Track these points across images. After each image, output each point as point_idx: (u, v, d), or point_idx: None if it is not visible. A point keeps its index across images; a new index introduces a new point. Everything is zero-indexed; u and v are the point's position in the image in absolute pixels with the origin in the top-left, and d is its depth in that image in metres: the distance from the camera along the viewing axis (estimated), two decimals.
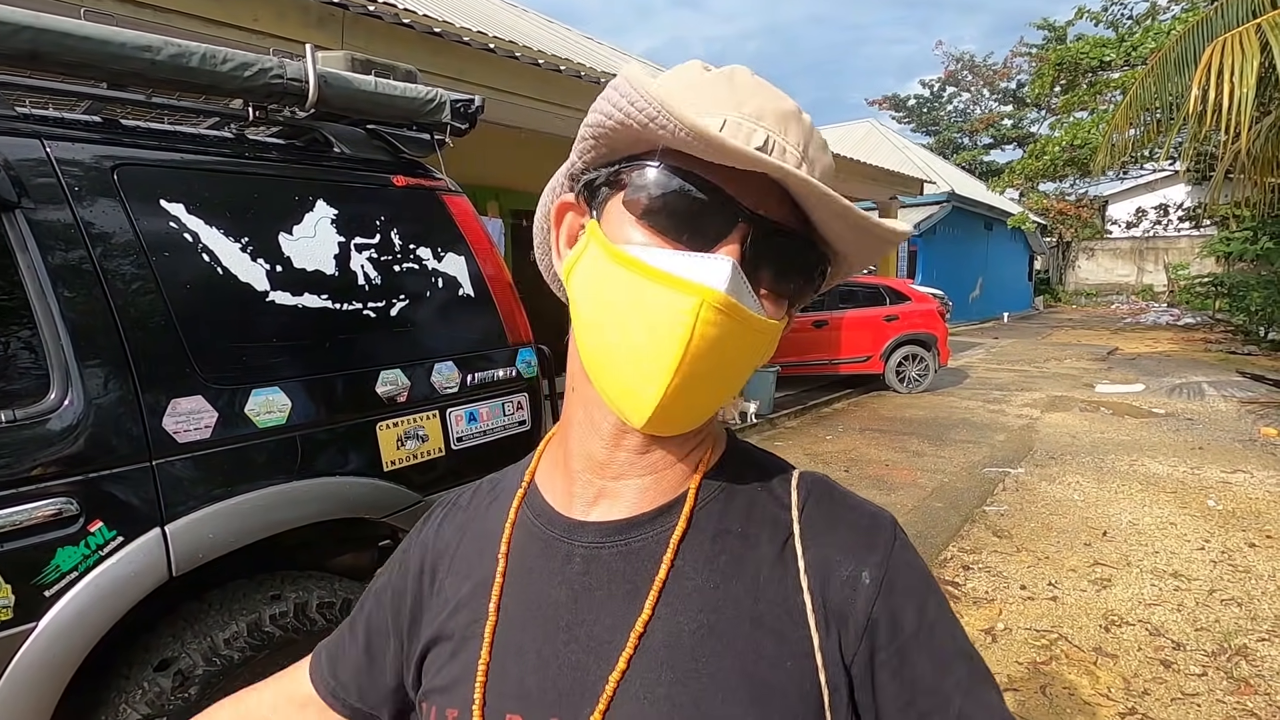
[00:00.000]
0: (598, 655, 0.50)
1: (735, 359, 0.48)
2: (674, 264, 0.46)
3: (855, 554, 0.51)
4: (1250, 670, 2.77)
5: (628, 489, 0.53)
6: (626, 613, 0.50)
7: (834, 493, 0.56)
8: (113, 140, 1.53)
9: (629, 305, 0.46)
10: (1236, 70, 4.93)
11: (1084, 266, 29.64)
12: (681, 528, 0.52)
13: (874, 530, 0.53)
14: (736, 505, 0.54)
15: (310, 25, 3.65)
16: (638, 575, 0.51)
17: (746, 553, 0.52)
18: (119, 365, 1.41)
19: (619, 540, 0.52)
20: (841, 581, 0.50)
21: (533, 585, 0.54)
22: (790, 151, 0.47)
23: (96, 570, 1.34)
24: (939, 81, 34.44)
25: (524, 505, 0.58)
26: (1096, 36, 14.97)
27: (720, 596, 0.50)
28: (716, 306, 0.44)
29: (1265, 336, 13.64)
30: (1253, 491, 4.93)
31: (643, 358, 0.46)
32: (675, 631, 0.49)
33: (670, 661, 0.49)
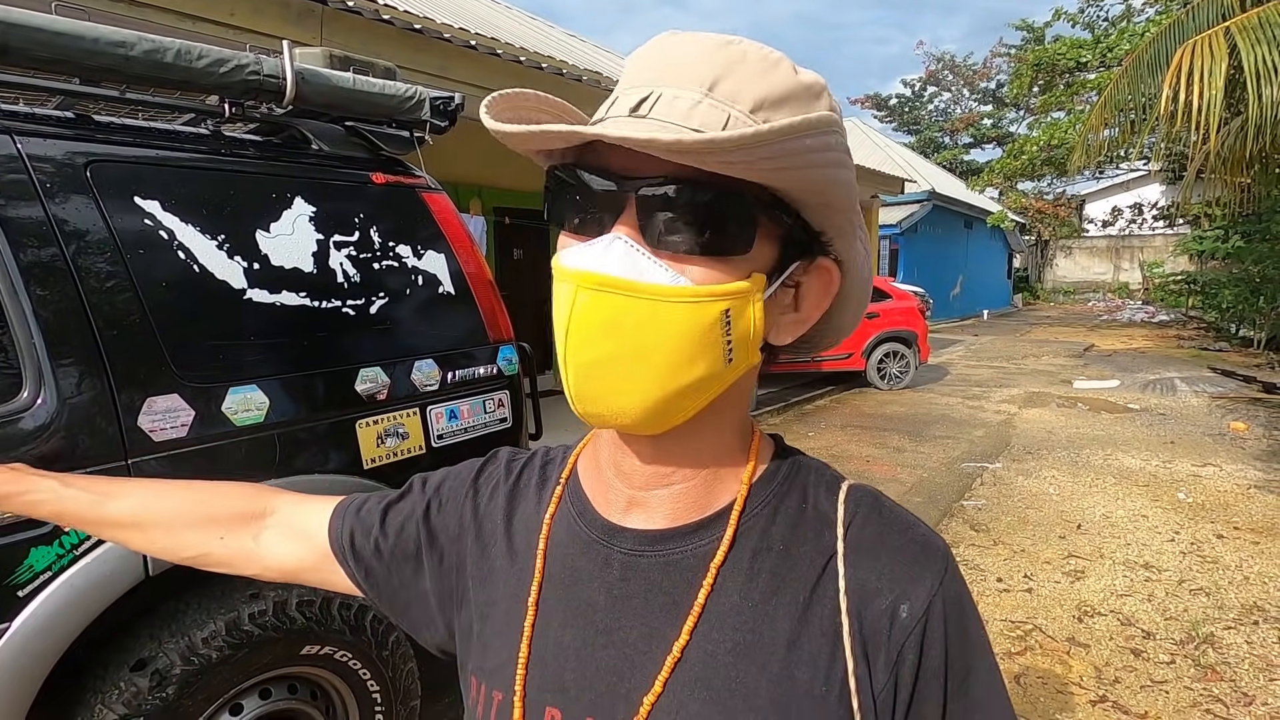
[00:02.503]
0: (632, 664, 0.50)
1: (659, 335, 0.44)
2: (569, 258, 0.46)
3: (898, 583, 0.48)
4: (1217, 657, 2.84)
5: (657, 499, 0.52)
6: (662, 625, 0.50)
7: (884, 511, 0.52)
8: (86, 136, 1.51)
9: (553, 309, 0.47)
10: (1206, 72, 5.03)
11: (1062, 264, 30.09)
12: (725, 547, 0.50)
13: (922, 560, 0.49)
14: (780, 521, 0.51)
15: (289, 21, 3.62)
16: (675, 589, 0.50)
17: (787, 572, 0.49)
18: (93, 364, 1.40)
19: (658, 550, 0.51)
20: (879, 611, 0.47)
21: (574, 584, 0.54)
22: (684, 96, 0.43)
23: (71, 570, 1.33)
24: (920, 81, 34.77)
25: (565, 498, 0.58)
26: (1073, 38, 15.20)
27: (758, 617, 0.48)
28: (590, 288, 0.43)
29: (1236, 333, 13.95)
30: (1221, 484, 5.05)
31: (559, 355, 0.47)
32: (711, 651, 0.48)
33: (705, 680, 0.48)
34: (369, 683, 1.77)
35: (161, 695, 1.41)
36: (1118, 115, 7.23)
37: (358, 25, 3.90)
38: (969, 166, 29.58)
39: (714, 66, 0.44)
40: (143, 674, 1.41)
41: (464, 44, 4.44)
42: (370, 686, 1.77)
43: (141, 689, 1.40)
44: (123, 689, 1.40)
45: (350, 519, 0.66)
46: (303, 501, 0.71)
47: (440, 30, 4.29)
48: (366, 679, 1.76)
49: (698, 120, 0.43)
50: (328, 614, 1.67)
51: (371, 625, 1.76)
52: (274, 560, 0.68)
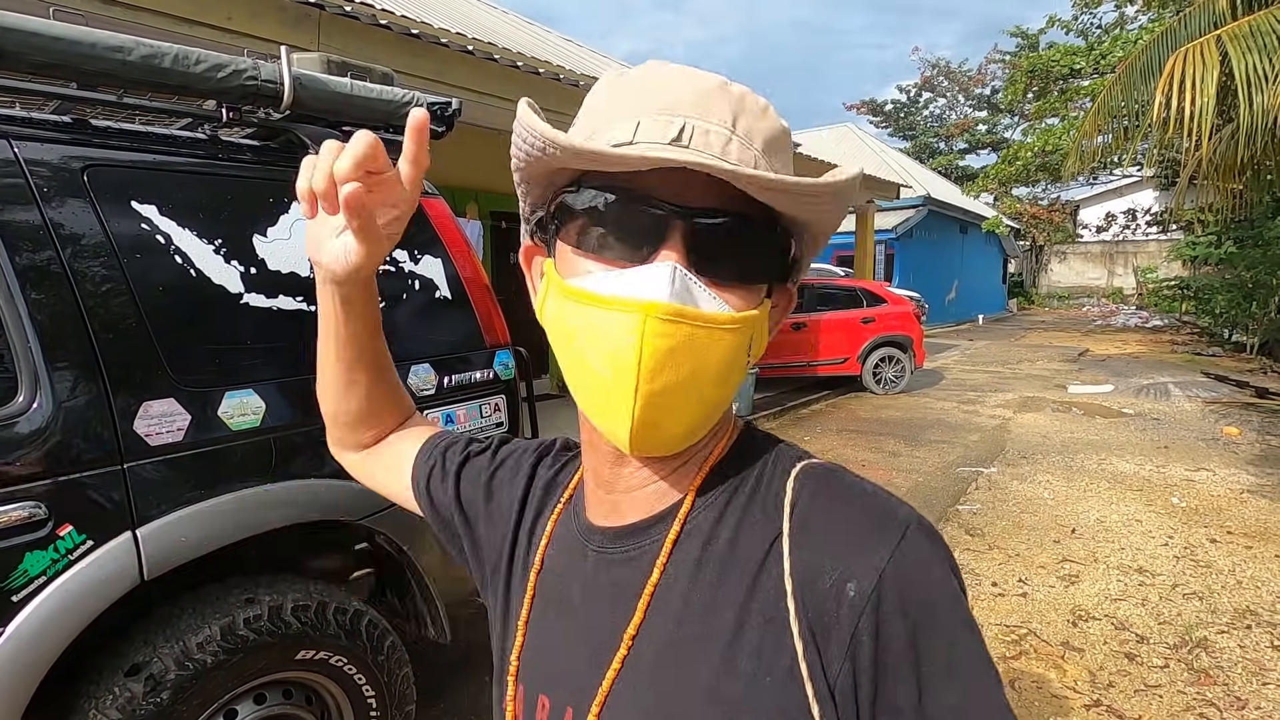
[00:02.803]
0: (598, 656, 0.52)
1: (707, 363, 0.45)
2: (614, 285, 0.44)
3: (843, 559, 0.44)
4: (1210, 662, 2.85)
5: (633, 500, 0.54)
6: (620, 618, 0.51)
7: (837, 486, 0.49)
8: (83, 141, 1.52)
9: (586, 336, 0.46)
10: (1198, 80, 5.08)
11: (1056, 269, 30.23)
12: (674, 535, 0.50)
13: (875, 532, 0.45)
14: (733, 507, 0.50)
15: (286, 25, 3.62)
16: (632, 582, 0.51)
17: (733, 560, 0.48)
18: (89, 368, 1.40)
19: (620, 546, 0.54)
20: (824, 591, 0.44)
21: (561, 580, 0.57)
22: (715, 131, 0.45)
23: (66, 575, 1.33)
24: (915, 87, 34.94)
25: (570, 501, 0.61)
26: (1067, 45, 15.31)
27: (704, 607, 0.48)
28: (660, 317, 0.42)
29: (1229, 338, 14.02)
30: (1214, 489, 5.07)
31: (607, 387, 0.45)
32: (661, 641, 0.49)
33: (651, 670, 0.48)
34: (364, 688, 1.76)
35: (156, 700, 1.41)
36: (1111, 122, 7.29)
37: (355, 30, 3.91)
38: (964, 172, 29.72)
39: (730, 104, 0.46)
40: (137, 679, 1.41)
41: (461, 49, 4.45)
42: (365, 691, 1.77)
43: (136, 694, 1.40)
44: (117, 694, 1.39)
45: (434, 460, 0.71)
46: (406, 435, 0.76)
47: (437, 35, 4.31)
48: (362, 684, 1.76)
49: (735, 156, 0.44)
50: (323, 619, 1.67)
51: (367, 630, 1.76)
52: (380, 485, 0.76)
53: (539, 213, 0.52)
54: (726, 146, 0.44)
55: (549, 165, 0.46)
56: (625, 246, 0.45)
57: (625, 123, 0.46)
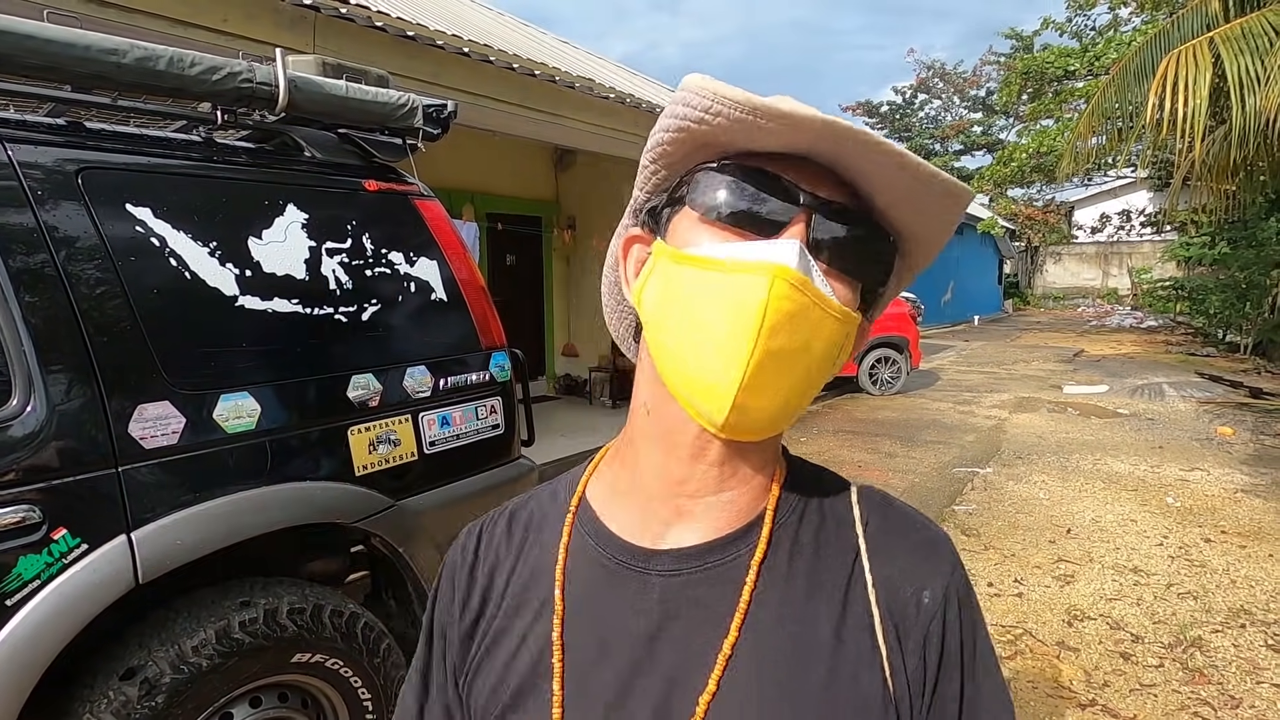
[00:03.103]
0: (681, 684, 0.50)
1: (814, 342, 0.47)
2: (742, 251, 0.46)
3: (918, 574, 0.52)
4: (1204, 661, 2.87)
5: (703, 508, 0.53)
6: (707, 636, 0.50)
7: (892, 508, 0.57)
8: (77, 143, 1.51)
9: (706, 298, 0.46)
10: (1191, 82, 5.11)
11: (1051, 270, 30.33)
12: (762, 550, 0.52)
13: (933, 551, 0.54)
14: (807, 524, 0.54)
15: (281, 27, 3.62)
16: (720, 601, 0.51)
17: (821, 571, 0.52)
18: (83, 371, 1.40)
19: (698, 566, 0.52)
20: (905, 598, 0.51)
21: (605, 617, 0.53)
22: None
23: (60, 579, 1.33)
24: (911, 88, 35.01)
25: (578, 530, 0.57)
26: (1061, 46, 15.37)
27: (800, 616, 0.51)
28: (788, 281, 0.44)
29: (1223, 339, 14.08)
30: (1209, 489, 5.09)
31: (721, 345, 0.45)
32: (760, 653, 0.50)
33: (759, 681, 0.49)
34: (360, 690, 1.76)
35: (151, 704, 1.41)
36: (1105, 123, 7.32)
37: (350, 32, 3.90)
38: (960, 173, 29.81)
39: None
40: (132, 683, 1.41)
41: (456, 51, 4.45)
42: (361, 695, 1.77)
43: (131, 698, 1.39)
44: (111, 698, 1.39)
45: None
46: None
47: (433, 37, 4.31)
48: (358, 687, 1.76)
49: None
50: (319, 622, 1.67)
51: (363, 633, 1.76)
52: None
53: (654, 201, 0.53)
54: None
55: (699, 139, 0.48)
56: (756, 222, 0.47)
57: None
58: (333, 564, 1.99)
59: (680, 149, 0.49)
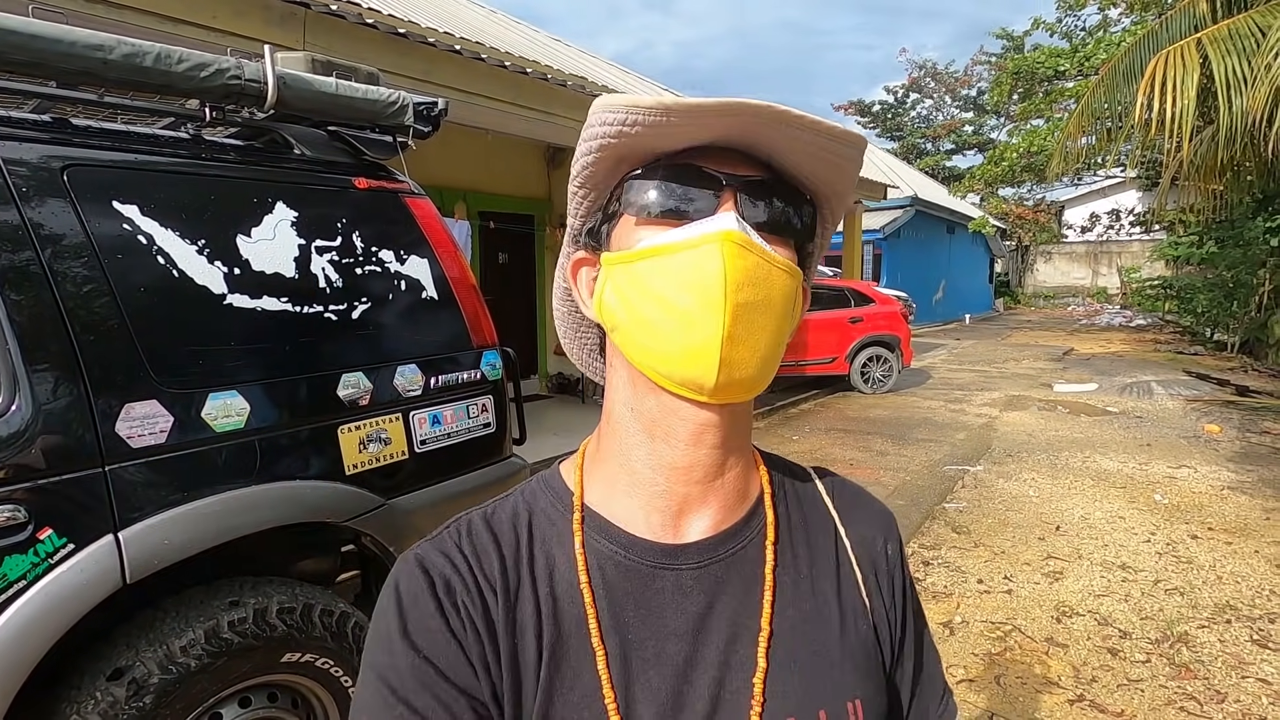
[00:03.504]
0: (729, 667, 0.53)
1: (773, 298, 0.50)
2: (686, 232, 0.50)
3: (879, 530, 0.64)
4: (1191, 656, 2.90)
5: (711, 494, 0.55)
6: (745, 618, 0.54)
7: (844, 482, 0.67)
8: (62, 140, 1.50)
9: (666, 281, 0.49)
10: (1179, 82, 5.15)
11: (1042, 269, 30.51)
12: (773, 531, 0.58)
13: (883, 511, 0.66)
14: (791, 502, 0.62)
15: (271, 24, 3.60)
16: (746, 581, 0.56)
17: (814, 541, 0.60)
18: (69, 369, 1.39)
19: (724, 553, 0.56)
20: (878, 551, 0.62)
21: (643, 619, 0.53)
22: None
23: (46, 579, 1.32)
24: (903, 88, 35.14)
25: (589, 536, 0.55)
26: (1052, 47, 15.46)
27: (810, 584, 0.58)
28: (736, 241, 0.48)
29: (1210, 337, 14.20)
30: (1196, 486, 5.14)
31: (694, 315, 0.48)
32: (790, 623, 0.56)
33: (791, 650, 0.54)
34: (350, 690, 1.76)
35: (138, 705, 1.40)
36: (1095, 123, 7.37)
37: (341, 29, 3.88)
38: (951, 172, 29.93)
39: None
40: (119, 683, 1.40)
41: (448, 48, 4.44)
42: (352, 694, 1.76)
43: (118, 698, 1.38)
44: (99, 699, 1.38)
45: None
46: None
47: (424, 35, 4.29)
48: (348, 686, 1.75)
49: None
50: (309, 621, 1.66)
51: (354, 632, 1.75)
52: None
53: (590, 222, 0.56)
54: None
55: (623, 151, 0.51)
56: (691, 210, 0.51)
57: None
58: (323, 563, 1.98)
59: (603, 166, 0.52)
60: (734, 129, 0.49)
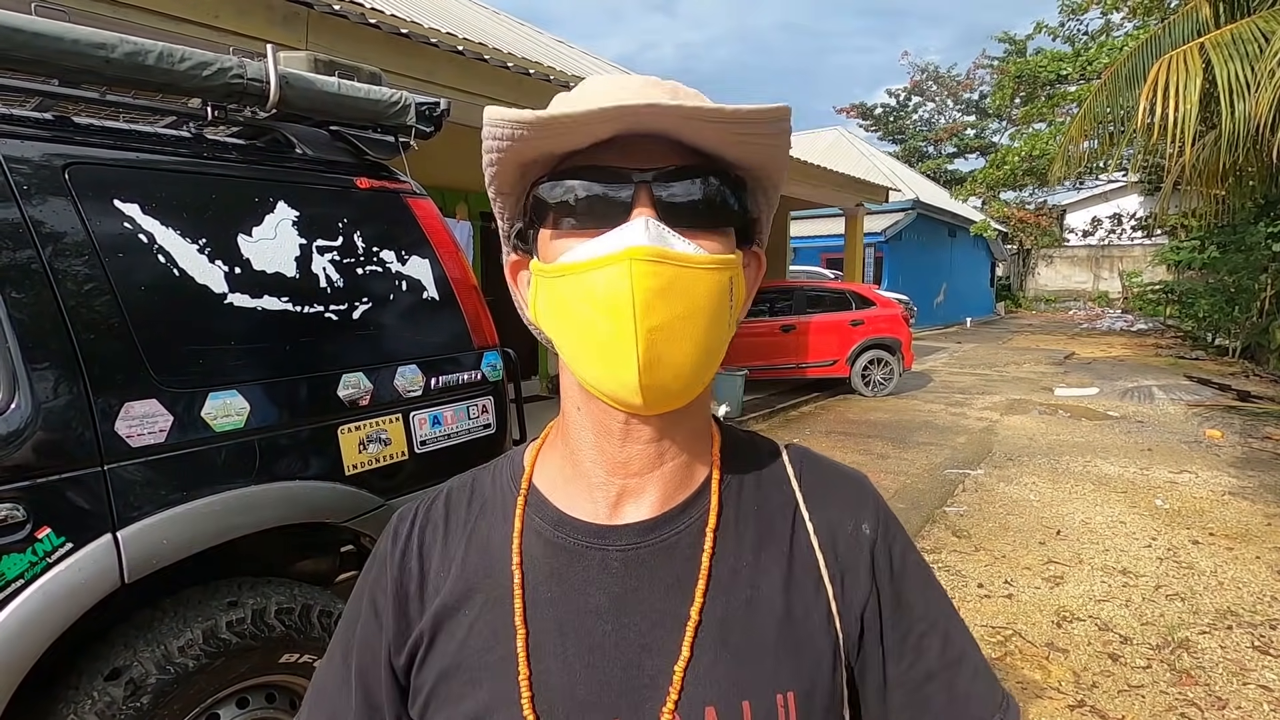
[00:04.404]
0: (650, 650, 0.52)
1: (696, 302, 0.48)
2: (595, 248, 0.48)
3: (853, 511, 0.58)
4: (1191, 662, 2.89)
5: (650, 483, 0.55)
6: (670, 605, 0.53)
7: (818, 459, 0.63)
8: (64, 138, 1.50)
9: (580, 305, 0.49)
10: (1181, 87, 5.14)
11: (1043, 273, 30.50)
12: (714, 518, 0.55)
13: (861, 489, 0.61)
14: (747, 484, 0.58)
15: (274, 24, 3.60)
16: (677, 566, 0.54)
17: (766, 527, 0.57)
18: (69, 368, 1.38)
19: (655, 537, 0.54)
20: (848, 535, 0.57)
21: (565, 595, 0.54)
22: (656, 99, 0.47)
23: (44, 578, 1.31)
24: (905, 91, 35.16)
25: (529, 515, 0.57)
26: (1054, 51, 15.48)
27: (753, 571, 0.55)
28: (642, 259, 0.46)
29: (1212, 342, 14.19)
30: (1197, 491, 5.13)
31: (609, 337, 0.48)
32: (722, 612, 0.53)
33: (722, 639, 0.52)
34: None
35: (136, 705, 1.39)
36: (1097, 127, 7.36)
37: (344, 29, 3.89)
38: (952, 176, 29.93)
39: (664, 89, 0.51)
40: (117, 683, 1.39)
41: (451, 49, 4.44)
42: None
43: (116, 699, 1.38)
44: (96, 699, 1.37)
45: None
46: None
47: (427, 35, 4.29)
48: None
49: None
50: (308, 622, 1.66)
51: None
52: None
53: (517, 224, 0.55)
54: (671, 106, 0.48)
55: (518, 158, 0.49)
56: (601, 216, 0.49)
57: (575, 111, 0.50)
58: (322, 564, 1.98)
59: (506, 174, 0.51)
60: (638, 120, 0.46)
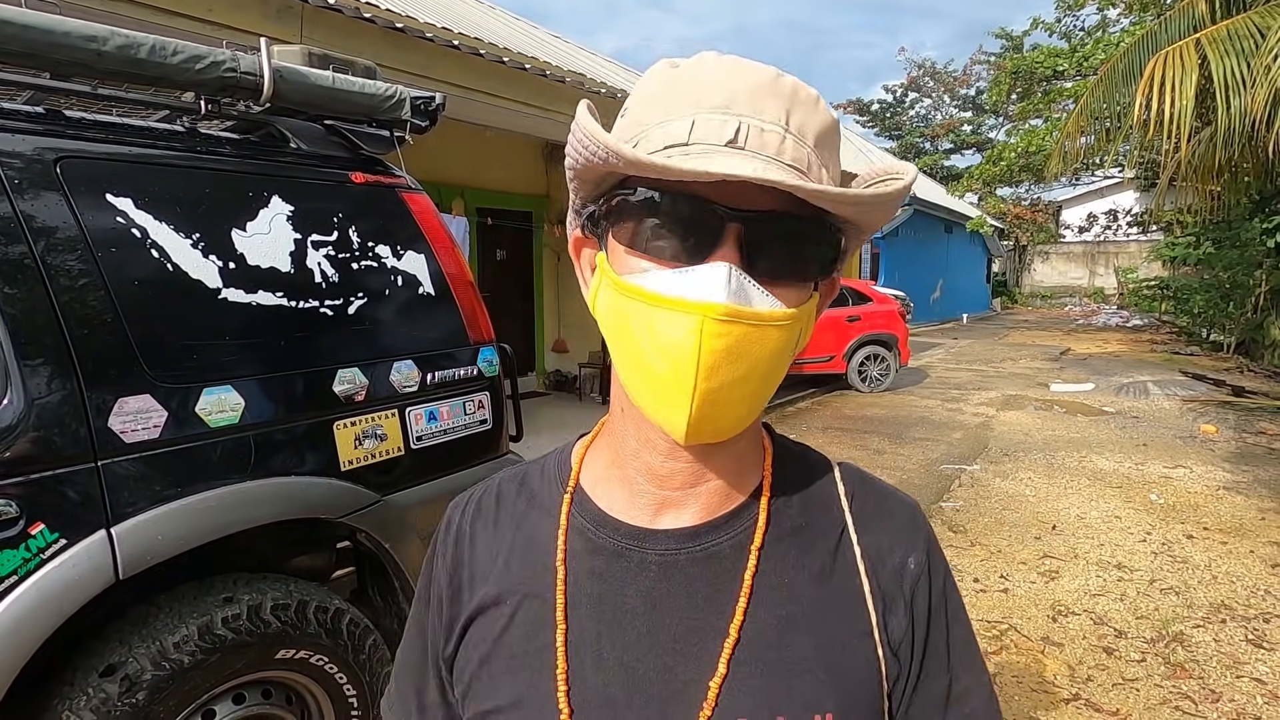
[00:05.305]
0: (684, 657, 0.51)
1: (761, 359, 0.47)
2: (671, 285, 0.45)
3: (902, 541, 0.57)
4: (1186, 655, 2.90)
5: (693, 497, 0.54)
6: (706, 615, 0.52)
7: (871, 482, 0.61)
8: (56, 132, 1.49)
9: (641, 333, 0.47)
10: (1177, 82, 5.15)
11: (1039, 269, 30.55)
12: (761, 535, 0.54)
13: (913, 519, 0.59)
14: (795, 501, 0.57)
15: (268, 17, 3.58)
16: (716, 578, 0.53)
17: (811, 545, 0.55)
18: (62, 363, 1.37)
19: (696, 546, 0.54)
20: (894, 567, 0.55)
21: (605, 594, 0.54)
22: (769, 130, 0.45)
23: (38, 574, 1.31)
24: (901, 87, 35.12)
25: (574, 513, 0.58)
26: (1050, 46, 15.47)
27: (794, 588, 0.53)
28: (718, 318, 0.44)
29: (1206, 338, 14.24)
30: (1191, 486, 5.15)
31: (665, 382, 0.46)
32: (760, 628, 0.52)
33: (759, 655, 0.51)
34: (345, 687, 1.75)
35: (131, 701, 1.39)
36: (1093, 123, 7.37)
37: (339, 23, 3.87)
38: (949, 172, 29.95)
39: (783, 99, 0.47)
40: (112, 679, 1.39)
41: (446, 43, 4.42)
42: (347, 691, 1.75)
43: (111, 695, 1.38)
44: (91, 695, 1.37)
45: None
46: None
47: (423, 29, 4.27)
48: (343, 683, 1.74)
49: (789, 156, 0.46)
50: (303, 617, 1.66)
51: (348, 629, 1.75)
52: None
53: (590, 207, 0.52)
54: (781, 145, 0.45)
55: (605, 169, 0.47)
56: (680, 247, 0.46)
57: (680, 121, 0.46)
58: (318, 559, 1.98)
59: (589, 174, 0.49)
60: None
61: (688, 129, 0.46)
